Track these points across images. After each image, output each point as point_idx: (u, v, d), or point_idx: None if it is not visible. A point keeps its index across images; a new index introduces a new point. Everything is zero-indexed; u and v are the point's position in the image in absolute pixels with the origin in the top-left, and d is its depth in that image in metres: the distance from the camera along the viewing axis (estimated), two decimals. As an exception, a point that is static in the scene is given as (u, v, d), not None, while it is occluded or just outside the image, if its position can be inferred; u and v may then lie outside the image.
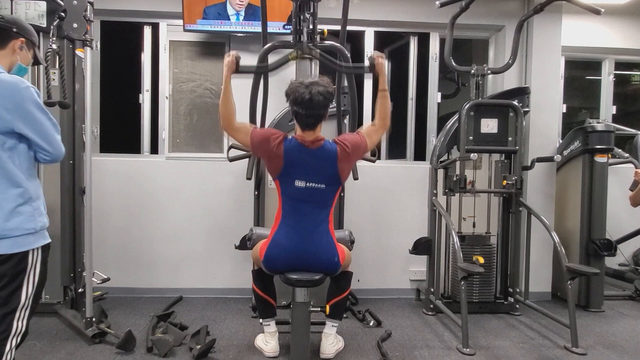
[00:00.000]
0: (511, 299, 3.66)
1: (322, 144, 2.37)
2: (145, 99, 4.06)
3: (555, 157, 3.31)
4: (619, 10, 4.38)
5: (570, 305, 2.96)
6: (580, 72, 4.96)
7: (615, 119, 4.73)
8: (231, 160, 3.31)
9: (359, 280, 4.03)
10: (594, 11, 3.10)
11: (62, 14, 2.69)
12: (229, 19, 3.76)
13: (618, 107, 4.77)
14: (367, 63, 2.55)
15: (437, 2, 3.20)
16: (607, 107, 4.79)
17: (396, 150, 4.46)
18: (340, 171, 2.37)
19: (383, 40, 4.38)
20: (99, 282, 3.43)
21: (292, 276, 2.28)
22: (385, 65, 2.52)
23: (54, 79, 2.91)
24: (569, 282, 2.97)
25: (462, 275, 2.88)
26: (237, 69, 2.46)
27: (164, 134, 4.04)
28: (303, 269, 2.37)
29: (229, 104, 2.39)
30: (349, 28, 3.22)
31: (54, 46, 2.58)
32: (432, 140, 4.25)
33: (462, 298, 2.89)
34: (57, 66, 2.75)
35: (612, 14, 4.41)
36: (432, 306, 3.58)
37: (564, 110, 4.51)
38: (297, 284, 2.29)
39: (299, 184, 2.35)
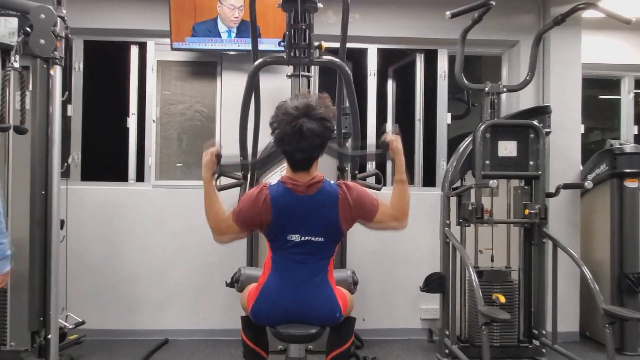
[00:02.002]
0: (536, 342, 3.25)
1: (320, 187, 1.92)
2: (131, 122, 3.78)
3: (586, 183, 2.96)
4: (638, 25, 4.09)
5: (609, 353, 2.57)
6: (592, 91, 4.66)
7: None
8: (220, 189, 2.97)
9: (364, 320, 3.64)
10: (624, 20, 2.81)
11: (28, 29, 2.41)
12: (220, 37, 3.49)
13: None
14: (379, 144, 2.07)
15: (448, 13, 2.92)
16: (628, 127, 4.45)
17: (403, 175, 4.12)
18: (341, 220, 1.92)
19: (387, 58, 4.12)
20: (71, 326, 3.10)
21: (284, 331, 1.91)
22: (401, 149, 2.01)
23: (19, 102, 2.62)
24: (607, 327, 2.58)
25: (484, 321, 2.50)
26: (219, 169, 2.06)
27: (150, 160, 3.73)
28: (297, 322, 1.99)
29: (216, 210, 1.98)
30: (350, 45, 2.92)
31: (16, 64, 2.29)
32: (443, 164, 3.92)
33: (485, 348, 2.50)
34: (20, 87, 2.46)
35: (631, 28, 4.09)
36: (447, 351, 3.18)
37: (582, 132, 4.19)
38: (290, 339, 1.93)
39: (293, 237, 1.92)
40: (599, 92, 4.83)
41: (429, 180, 4.02)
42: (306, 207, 1.92)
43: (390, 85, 4.29)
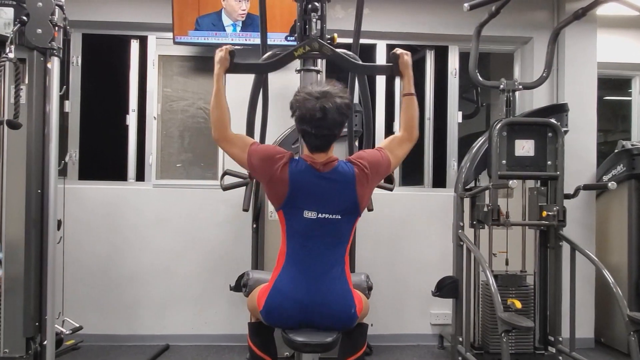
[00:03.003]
0: (552, 349, 3.13)
1: (336, 165, 1.93)
2: (131, 119, 3.65)
3: (609, 184, 2.84)
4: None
5: (634, 362, 2.46)
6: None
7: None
8: (225, 189, 2.85)
9: (372, 325, 3.46)
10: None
11: (24, 18, 2.28)
12: (224, 30, 3.37)
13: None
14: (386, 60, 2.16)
15: (466, 5, 2.80)
16: (640, 128, 4.35)
17: (412, 176, 4.01)
18: (359, 198, 1.92)
19: (396, 55, 3.98)
20: (68, 331, 2.95)
21: (297, 338, 1.78)
22: (410, 63, 2.12)
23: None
24: (633, 334, 2.47)
25: (505, 328, 2.37)
26: (232, 67, 2.09)
27: (150, 158, 3.60)
28: (311, 324, 1.89)
29: (222, 107, 2.02)
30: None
31: (11, 55, 2.16)
32: (453, 164, 3.81)
33: (505, 356, 2.38)
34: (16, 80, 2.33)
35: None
36: (460, 358, 3.06)
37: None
38: (304, 349, 1.80)
39: (309, 214, 1.88)
40: (604, 93, 4.74)
41: (439, 181, 3.90)
42: (324, 183, 1.90)
43: (399, 83, 4.17)
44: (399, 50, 2.14)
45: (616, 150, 3.57)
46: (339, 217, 1.90)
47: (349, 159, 1.98)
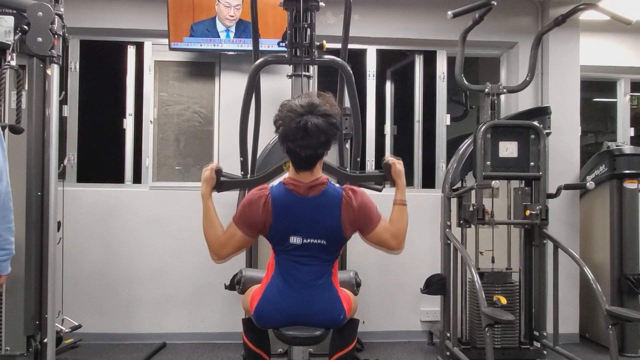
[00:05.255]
0: (537, 344, 3.24)
1: (323, 190, 1.89)
2: (128, 123, 3.73)
3: (588, 184, 2.96)
4: (634, 27, 4.10)
5: (612, 355, 2.56)
6: (586, 94, 4.68)
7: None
8: (219, 190, 2.93)
9: (364, 322, 3.60)
10: (625, 21, 2.82)
11: (25, 27, 2.36)
12: (218, 36, 3.46)
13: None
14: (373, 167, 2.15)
15: (450, 13, 2.91)
16: (625, 129, 4.46)
17: (402, 177, 4.10)
18: (344, 226, 1.88)
19: (386, 59, 4.10)
20: (67, 330, 3.03)
21: (287, 332, 1.88)
22: (402, 172, 2.08)
23: (15, 101, 2.57)
24: (611, 328, 2.57)
25: (488, 322, 2.48)
26: (218, 185, 2.07)
27: (147, 161, 3.69)
28: (301, 324, 1.97)
29: (215, 226, 1.98)
30: (349, 46, 2.88)
31: (13, 62, 2.24)
32: (442, 165, 3.91)
33: (488, 349, 2.48)
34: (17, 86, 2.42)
35: (627, 31, 4.12)
36: (448, 353, 3.16)
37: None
38: (294, 341, 1.90)
39: (295, 240, 1.88)
40: (593, 95, 4.85)
41: (428, 181, 4.00)
42: (307, 208, 1.88)
43: (389, 86, 4.27)
44: (390, 160, 2.09)
45: (599, 151, 3.69)
46: (324, 242, 1.88)
47: (343, 187, 1.95)
